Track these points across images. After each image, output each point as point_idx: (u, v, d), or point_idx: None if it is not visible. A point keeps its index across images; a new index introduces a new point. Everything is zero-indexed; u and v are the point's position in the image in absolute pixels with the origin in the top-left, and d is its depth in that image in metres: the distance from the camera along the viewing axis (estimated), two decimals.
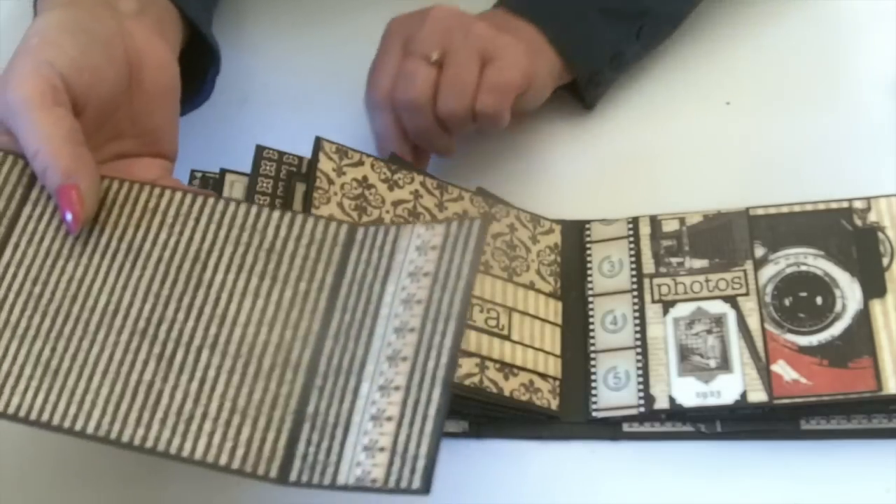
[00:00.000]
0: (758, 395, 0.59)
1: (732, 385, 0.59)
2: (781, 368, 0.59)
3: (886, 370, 0.58)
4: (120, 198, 0.53)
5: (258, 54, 0.77)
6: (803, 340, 0.60)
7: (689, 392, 0.60)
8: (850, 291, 0.61)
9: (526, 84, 0.65)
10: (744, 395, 0.59)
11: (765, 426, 0.60)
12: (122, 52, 0.57)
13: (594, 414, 0.61)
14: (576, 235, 0.67)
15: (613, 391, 0.61)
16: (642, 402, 0.60)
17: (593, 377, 0.62)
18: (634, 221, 0.66)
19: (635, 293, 0.64)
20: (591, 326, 0.64)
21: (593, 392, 0.62)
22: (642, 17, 0.70)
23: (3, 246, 0.52)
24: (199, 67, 0.65)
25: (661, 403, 0.60)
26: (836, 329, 0.60)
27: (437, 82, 0.63)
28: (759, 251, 0.63)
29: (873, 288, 0.61)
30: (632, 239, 0.65)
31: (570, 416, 0.61)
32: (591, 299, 0.65)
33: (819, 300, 0.61)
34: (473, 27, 0.64)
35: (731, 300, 0.62)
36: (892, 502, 0.57)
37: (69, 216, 0.52)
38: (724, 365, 0.60)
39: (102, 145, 0.56)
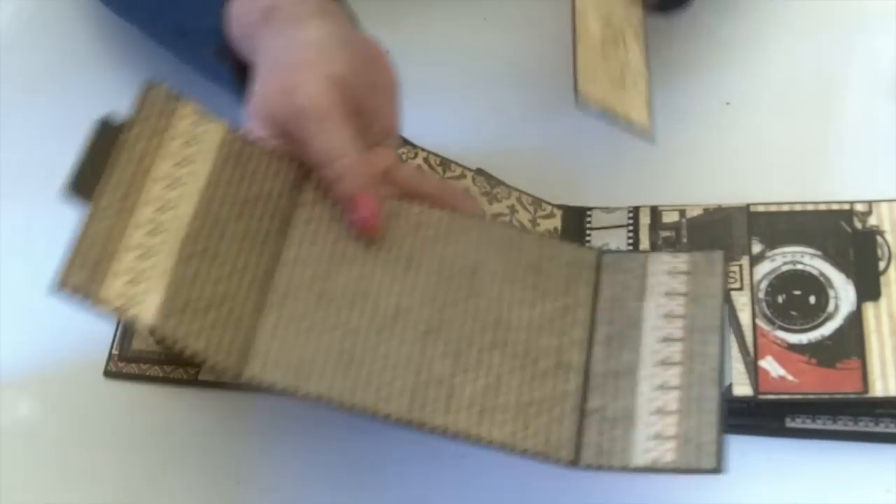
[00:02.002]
0: (743, 389, 0.59)
1: None
2: (769, 364, 0.60)
3: (874, 373, 0.58)
4: (386, 212, 0.56)
5: None
6: (793, 338, 0.60)
7: None
8: (844, 293, 0.61)
9: None
10: (729, 387, 0.59)
11: (749, 421, 0.60)
12: (370, 58, 0.60)
13: None
14: (577, 221, 0.67)
15: None
16: None
17: None
18: (635, 211, 0.66)
19: None
20: None
21: None
22: None
23: (281, 243, 0.55)
24: None
25: None
26: (827, 329, 0.60)
27: None
28: (757, 247, 0.63)
29: (867, 291, 0.61)
30: (631, 228, 0.66)
31: None
32: None
33: (812, 299, 0.61)
34: None
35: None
36: None
37: (365, 222, 0.55)
38: None
39: None
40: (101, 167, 0.51)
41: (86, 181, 0.50)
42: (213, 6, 0.63)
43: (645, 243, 0.65)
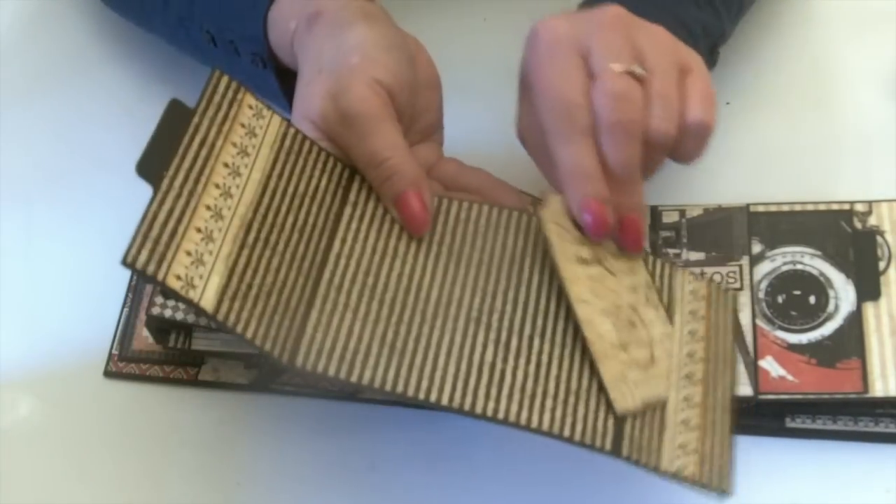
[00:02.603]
0: (744, 389, 0.59)
1: None
2: (769, 364, 0.60)
3: (874, 373, 0.58)
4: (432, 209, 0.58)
5: None
6: (793, 338, 0.60)
7: None
8: (844, 293, 0.61)
9: None
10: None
11: (749, 421, 0.60)
12: (413, 58, 0.61)
13: None
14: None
15: None
16: None
17: None
18: None
19: None
20: None
21: None
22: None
23: (331, 239, 0.56)
24: None
25: None
26: (827, 329, 0.60)
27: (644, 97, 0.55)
28: (757, 247, 0.63)
29: (868, 291, 0.61)
30: None
31: None
32: None
33: (812, 299, 0.61)
34: (657, 32, 0.57)
35: None
36: None
37: (414, 219, 0.56)
38: None
39: None
40: (169, 148, 0.51)
41: (154, 161, 0.51)
42: (256, 14, 0.63)
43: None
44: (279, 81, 0.65)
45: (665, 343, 0.55)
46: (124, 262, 0.47)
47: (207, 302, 0.50)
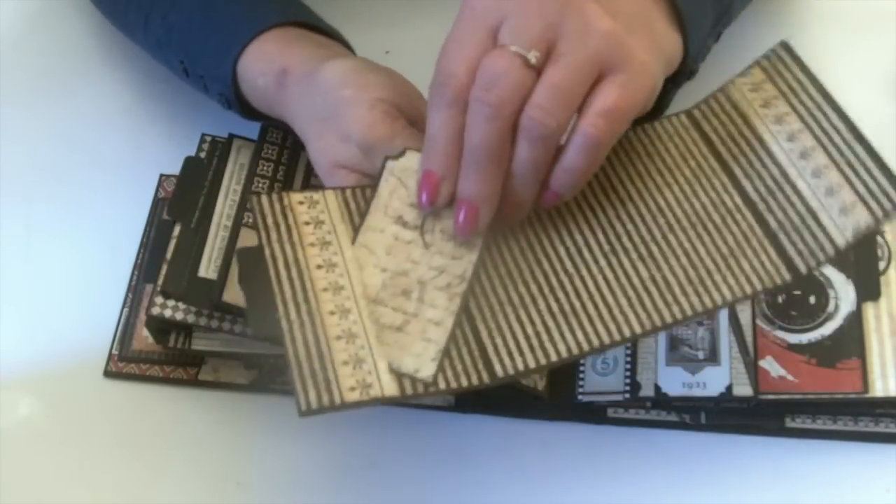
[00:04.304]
0: (743, 389, 0.59)
1: (719, 377, 0.59)
2: (769, 364, 0.60)
3: (874, 373, 0.58)
4: None
5: None
6: (793, 338, 0.60)
7: (675, 381, 0.60)
8: (844, 293, 0.61)
9: (646, 107, 0.54)
10: (729, 388, 0.59)
11: (749, 421, 0.60)
12: (394, 73, 0.60)
13: (579, 398, 0.61)
14: None
15: (601, 376, 0.62)
16: (628, 388, 0.61)
17: (582, 361, 0.62)
18: None
19: None
20: None
21: (581, 375, 0.62)
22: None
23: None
24: None
25: (647, 391, 0.60)
26: (827, 329, 0.60)
27: (533, 88, 0.51)
28: None
29: (868, 291, 0.61)
30: None
31: (556, 398, 0.62)
32: None
33: (812, 299, 0.61)
34: (593, 18, 0.51)
35: None
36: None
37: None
38: (713, 357, 0.60)
39: None
40: (260, 294, 0.52)
41: (262, 315, 0.52)
42: (226, 58, 0.63)
43: None
44: (246, 118, 0.66)
45: (430, 330, 0.54)
46: (301, 413, 0.48)
47: (391, 390, 0.50)
